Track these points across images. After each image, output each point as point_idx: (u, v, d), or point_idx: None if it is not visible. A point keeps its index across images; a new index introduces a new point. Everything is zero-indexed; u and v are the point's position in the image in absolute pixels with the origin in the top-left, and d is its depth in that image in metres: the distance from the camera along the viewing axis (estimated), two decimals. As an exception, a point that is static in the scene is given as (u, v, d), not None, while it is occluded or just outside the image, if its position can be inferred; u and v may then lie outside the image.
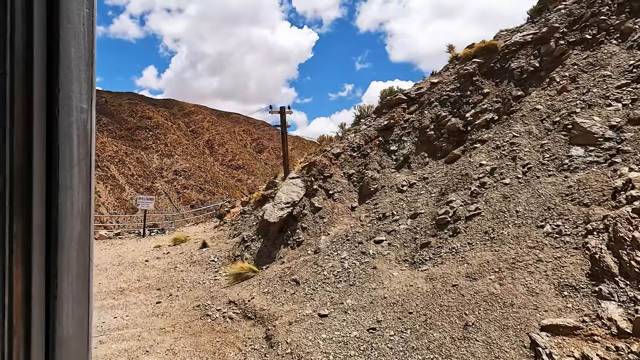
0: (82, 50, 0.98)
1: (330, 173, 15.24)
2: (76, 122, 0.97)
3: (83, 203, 0.98)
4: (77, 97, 0.97)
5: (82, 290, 0.99)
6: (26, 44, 0.89)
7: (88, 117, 1.00)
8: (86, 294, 1.01)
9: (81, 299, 0.99)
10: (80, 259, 0.97)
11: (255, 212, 19.38)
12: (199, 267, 16.14)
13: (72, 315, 0.96)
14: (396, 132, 15.43)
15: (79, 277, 0.97)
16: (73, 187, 0.96)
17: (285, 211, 14.49)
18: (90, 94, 1.01)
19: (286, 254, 13.92)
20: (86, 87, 0.99)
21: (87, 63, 0.99)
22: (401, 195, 13.47)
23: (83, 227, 0.98)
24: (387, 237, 11.94)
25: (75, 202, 0.97)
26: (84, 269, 0.98)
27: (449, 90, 15.14)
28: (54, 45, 0.93)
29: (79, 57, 0.97)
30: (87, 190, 1.00)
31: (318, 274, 11.66)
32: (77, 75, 0.97)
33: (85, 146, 0.99)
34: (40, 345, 0.91)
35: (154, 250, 20.45)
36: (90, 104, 1.01)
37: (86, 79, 0.99)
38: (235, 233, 19.25)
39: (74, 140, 0.96)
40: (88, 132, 1.00)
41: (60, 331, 0.94)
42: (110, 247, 22.31)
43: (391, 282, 10.18)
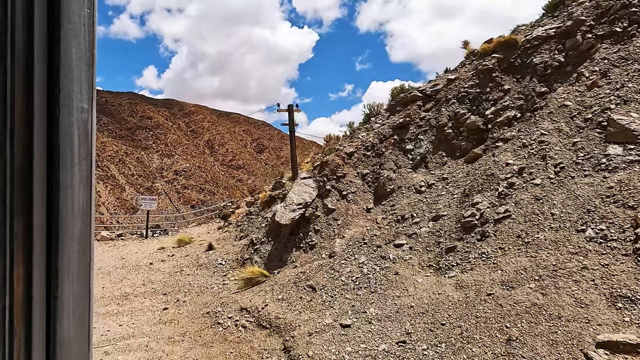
0: (82, 50, 0.97)
1: (344, 173, 14.53)
2: (77, 122, 0.96)
3: (84, 202, 0.97)
4: (78, 97, 0.96)
5: (82, 291, 0.97)
6: (27, 44, 0.88)
7: (89, 117, 1.00)
8: (87, 294, 0.99)
9: (82, 300, 0.97)
10: (81, 259, 0.97)
11: (262, 214, 18.66)
12: (206, 270, 15.42)
13: (73, 315, 0.95)
14: (412, 131, 14.72)
15: (80, 278, 0.96)
16: (74, 187, 0.95)
17: (297, 213, 13.77)
18: (91, 94, 1.00)
19: (299, 257, 13.20)
20: (87, 87, 0.99)
21: (87, 63, 0.98)
22: (419, 196, 12.76)
23: (84, 227, 0.97)
24: (408, 241, 11.23)
25: (76, 201, 0.95)
26: (84, 269, 0.97)
27: (467, 86, 14.43)
28: (55, 46, 0.92)
29: (79, 57, 0.96)
30: (88, 190, 0.99)
31: (335, 279, 10.94)
32: (78, 75, 0.96)
33: (85, 146, 0.98)
34: (41, 346, 0.90)
35: (158, 252, 19.73)
36: (90, 103, 1.00)
37: (87, 79, 0.98)
38: (242, 235, 18.54)
39: (75, 140, 0.96)
40: (89, 132, 0.99)
41: (61, 332, 0.93)
42: (112, 249, 21.58)
43: (416, 289, 9.47)
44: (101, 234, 24.52)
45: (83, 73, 0.98)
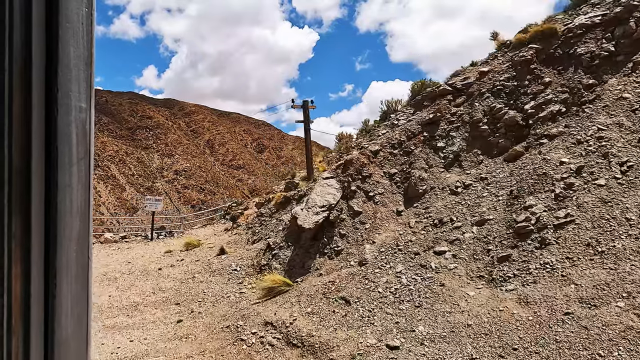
0: (81, 49, 0.96)
1: (369, 172, 13.31)
2: (75, 122, 0.95)
3: (82, 202, 0.96)
4: (76, 97, 0.95)
5: (81, 290, 0.96)
6: (25, 43, 0.87)
7: (87, 117, 0.98)
8: (85, 294, 0.97)
9: (80, 299, 0.96)
10: (79, 259, 0.95)
11: (277, 215, 17.43)
12: (220, 277, 14.19)
13: (71, 315, 0.93)
14: (442, 127, 13.51)
15: (78, 277, 0.95)
16: (72, 186, 0.94)
17: (320, 216, 12.55)
18: (89, 93, 0.99)
19: (323, 264, 11.99)
20: (85, 87, 0.97)
21: (86, 62, 0.97)
22: (456, 198, 11.57)
23: (82, 226, 0.96)
24: (450, 248, 10.03)
25: (74, 201, 0.94)
26: (83, 269, 0.96)
27: (503, 79, 13.23)
28: (53, 45, 0.91)
29: (77, 57, 0.95)
30: (86, 189, 0.98)
31: (371, 291, 9.73)
32: (76, 74, 0.95)
33: (84, 145, 0.97)
34: (39, 346, 0.89)
35: (166, 256, 18.48)
36: (89, 103, 0.99)
37: (85, 78, 0.97)
38: (256, 238, 17.31)
39: (73, 140, 0.95)
40: (87, 132, 0.98)
41: (59, 331, 0.91)
42: (117, 252, 20.32)
43: (469, 304, 8.27)
44: (105, 236, 23.27)
45: (81, 72, 0.96)
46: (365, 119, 22.19)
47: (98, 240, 23.10)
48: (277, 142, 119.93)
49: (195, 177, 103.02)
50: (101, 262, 17.79)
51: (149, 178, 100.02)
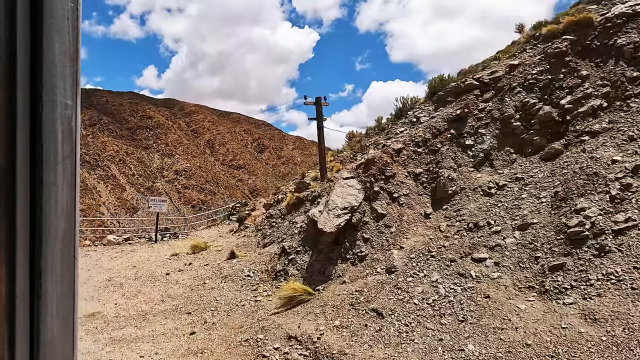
0: (66, 45, 0.93)
1: (393, 172, 12.36)
2: (60, 119, 0.93)
3: (67, 201, 0.94)
4: (62, 93, 0.93)
5: (67, 290, 0.95)
6: (9, 39, 0.84)
7: (73, 113, 0.96)
8: (71, 294, 0.96)
9: (66, 299, 0.94)
10: (65, 258, 0.94)
11: (290, 218, 16.46)
12: (232, 283, 13.22)
13: (57, 315, 0.92)
14: (470, 124, 12.56)
15: (64, 277, 0.94)
16: (57, 185, 0.92)
17: (342, 219, 11.58)
18: (75, 89, 0.96)
19: (346, 271, 11.04)
20: (71, 83, 0.95)
21: (71, 58, 0.95)
22: (490, 199, 10.63)
23: (68, 226, 0.94)
24: (491, 255, 9.08)
25: (59, 200, 0.93)
26: (68, 268, 0.95)
27: (536, 73, 12.29)
28: (38, 40, 0.89)
29: (63, 52, 0.93)
30: (72, 188, 0.96)
31: (406, 302, 8.77)
32: (62, 70, 0.93)
33: (69, 143, 0.94)
34: (24, 347, 0.87)
35: (172, 259, 17.51)
36: (75, 100, 0.96)
37: (71, 74, 0.95)
38: (267, 241, 16.34)
39: (59, 137, 0.92)
40: (73, 129, 0.95)
41: (44, 332, 0.90)
42: (121, 255, 19.33)
43: (522, 319, 7.32)
44: (108, 238, 22.28)
45: (67, 68, 0.93)
46: (378, 117, 21.24)
47: (101, 243, 22.12)
48: (278, 142, 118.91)
49: (195, 177, 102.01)
50: (105, 266, 16.82)
51: (149, 178, 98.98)
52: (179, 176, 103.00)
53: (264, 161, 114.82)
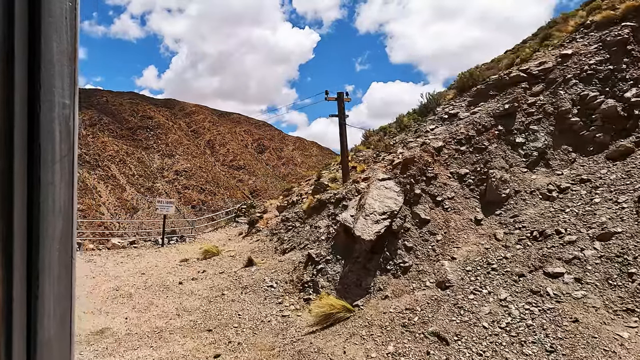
0: (64, 44, 0.92)
1: (435, 173, 10.98)
2: (58, 118, 0.92)
3: (65, 200, 0.94)
4: (60, 93, 0.92)
5: (64, 291, 0.94)
6: (6, 38, 0.84)
7: (70, 113, 0.95)
8: (69, 295, 0.95)
9: (63, 300, 0.94)
10: (62, 258, 0.93)
11: (311, 222, 15.05)
12: (254, 295, 11.81)
13: (54, 315, 0.91)
14: (520, 119, 11.19)
15: (61, 277, 0.93)
16: (55, 184, 0.91)
17: (381, 225, 10.18)
18: (73, 89, 0.95)
19: (388, 284, 9.64)
20: (69, 83, 0.94)
21: (69, 58, 0.94)
22: (553, 204, 9.26)
23: (65, 225, 0.94)
24: (569, 269, 7.70)
25: (57, 199, 0.92)
26: (66, 269, 0.94)
27: (594, 63, 10.93)
28: (36, 40, 0.88)
29: (61, 52, 0.92)
30: (70, 187, 0.95)
31: (472, 325, 7.38)
32: (60, 70, 0.92)
33: (67, 142, 0.94)
34: (21, 347, 0.86)
35: (183, 265, 16.09)
36: (72, 99, 0.96)
37: (69, 74, 0.94)
38: (286, 247, 14.93)
39: (56, 137, 0.92)
40: (70, 128, 0.95)
41: (41, 333, 0.89)
42: (127, 260, 17.89)
43: (630, 352, 5.94)
44: (112, 241, 20.83)
45: (65, 68, 0.92)
46: (399, 114, 19.88)
47: (105, 247, 20.67)
48: (278, 143, 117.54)
49: (195, 177, 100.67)
50: (111, 273, 15.38)
51: (150, 178, 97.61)
52: (179, 176, 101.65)
53: (264, 162, 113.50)
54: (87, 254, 19.09)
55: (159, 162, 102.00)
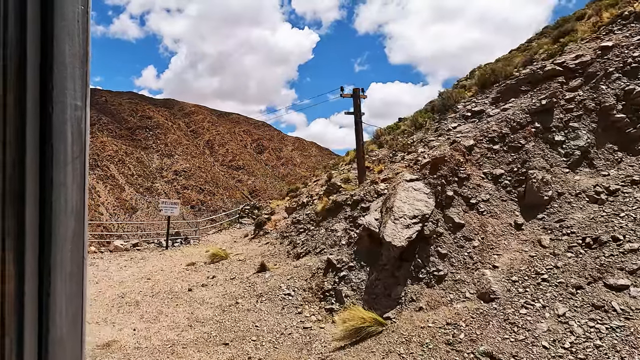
0: (76, 47, 0.93)
1: (467, 174, 10.11)
2: (70, 120, 0.92)
3: (77, 201, 0.93)
4: (72, 95, 0.92)
5: (76, 290, 0.93)
6: (19, 40, 0.84)
7: (82, 115, 0.95)
8: (80, 293, 0.94)
9: (75, 298, 0.93)
10: (74, 257, 0.92)
11: (326, 224, 14.16)
12: (270, 304, 10.92)
13: (66, 314, 0.91)
14: (558, 116, 10.33)
15: (73, 276, 0.92)
16: (67, 185, 0.91)
17: (412, 230, 9.29)
18: (85, 91, 0.95)
19: (421, 294, 8.76)
20: (80, 85, 0.94)
21: (81, 60, 0.94)
22: (603, 207, 8.40)
23: (77, 225, 0.93)
24: (634, 280, 6.83)
25: (69, 200, 0.91)
26: (78, 267, 0.93)
27: (638, 56, 10.08)
28: (48, 42, 0.88)
29: (73, 55, 0.92)
30: (81, 188, 0.95)
31: (530, 345, 6.50)
32: (72, 72, 0.92)
33: (79, 144, 0.94)
34: (33, 346, 0.85)
35: (190, 270, 15.18)
36: (84, 101, 0.95)
37: (81, 76, 0.94)
38: (301, 251, 14.05)
39: (68, 138, 0.92)
40: (82, 130, 0.95)
41: (53, 331, 0.89)
42: (131, 264, 16.97)
43: None
44: (114, 243, 19.89)
45: (77, 70, 0.92)
46: (414, 113, 19.02)
47: (107, 249, 19.73)
48: (277, 143, 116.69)
49: (194, 177, 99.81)
50: (115, 278, 14.46)
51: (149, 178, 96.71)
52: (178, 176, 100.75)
53: (264, 162, 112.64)
54: (88, 257, 18.18)
55: (158, 162, 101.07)
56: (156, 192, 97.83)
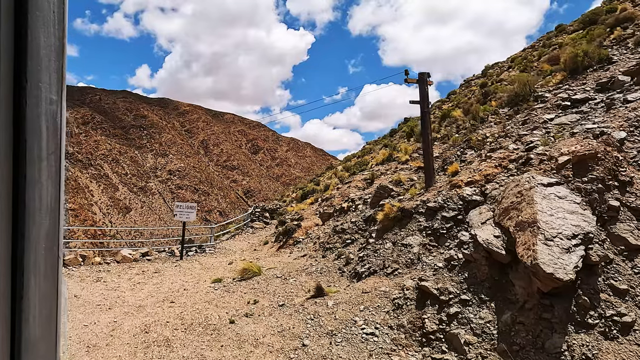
0: (52, 39, 0.86)
1: (629, 176, 7.22)
2: (45, 114, 0.86)
3: (52, 199, 0.88)
4: (47, 88, 0.86)
5: (50, 290, 0.88)
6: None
7: (58, 109, 0.89)
8: (55, 294, 0.89)
9: (49, 299, 0.88)
10: (48, 257, 0.87)
11: (393, 237, 11.17)
12: (350, 347, 7.91)
13: (40, 315, 0.86)
14: None
15: (47, 276, 0.87)
16: (42, 182, 0.86)
17: (576, 254, 6.33)
18: (61, 84, 0.89)
19: (599, 349, 5.84)
20: (56, 78, 0.88)
21: (57, 53, 0.88)
22: None
23: (52, 224, 0.88)
24: None
25: (44, 198, 0.87)
26: (52, 267, 0.88)
27: None
28: (22, 33, 0.83)
29: (48, 46, 0.86)
30: (57, 186, 0.90)
31: None
32: (47, 65, 0.86)
33: (54, 139, 0.88)
34: (5, 348, 0.81)
35: (220, 289, 12.12)
36: (60, 95, 0.89)
37: (56, 69, 0.88)
38: (361, 270, 11.05)
39: (43, 133, 0.86)
40: (58, 125, 0.89)
41: (26, 332, 0.84)
42: (145, 279, 13.85)
43: None
44: (122, 253, 16.69)
45: (52, 63, 0.86)
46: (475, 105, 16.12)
47: (114, 259, 16.53)
48: (272, 144, 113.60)
49: (189, 177, 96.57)
50: (130, 301, 11.35)
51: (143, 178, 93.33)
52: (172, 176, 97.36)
53: (258, 162, 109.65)
54: (93, 269, 14.98)
55: (152, 162, 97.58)
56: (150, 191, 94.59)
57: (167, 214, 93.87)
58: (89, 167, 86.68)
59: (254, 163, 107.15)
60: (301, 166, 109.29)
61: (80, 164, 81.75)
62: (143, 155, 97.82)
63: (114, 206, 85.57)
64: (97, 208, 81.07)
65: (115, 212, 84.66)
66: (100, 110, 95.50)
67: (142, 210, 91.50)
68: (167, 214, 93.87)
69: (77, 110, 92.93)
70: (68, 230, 59.25)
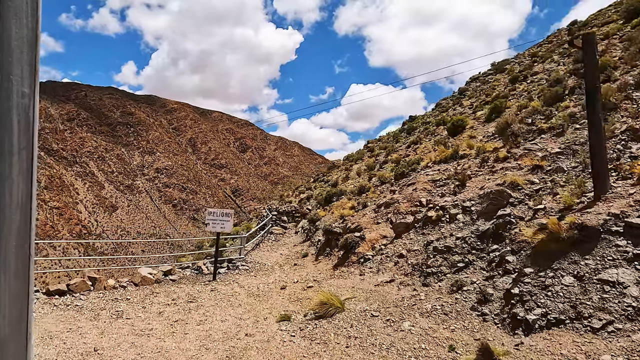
0: (24, 30, 0.79)
1: None
2: (16, 108, 0.80)
3: (23, 195, 0.82)
4: (18, 81, 0.80)
5: (21, 288, 0.82)
6: None
7: (30, 103, 0.82)
8: (25, 291, 0.83)
9: (20, 297, 0.82)
10: (19, 255, 0.81)
11: (569, 267, 7.28)
12: None
13: (9, 314, 0.80)
14: None
15: (18, 274, 0.81)
16: (12, 178, 0.80)
17: None
18: (34, 78, 0.82)
19: None
20: (29, 70, 0.82)
21: (30, 44, 0.81)
22: None
23: (23, 220, 0.82)
24: None
25: (14, 193, 0.81)
26: (23, 265, 0.82)
27: None
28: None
29: (20, 38, 0.79)
30: (28, 181, 0.84)
31: None
32: (19, 57, 0.79)
33: (26, 134, 0.82)
34: None
35: (298, 336, 8.05)
36: (32, 88, 0.83)
37: (29, 61, 0.81)
38: (533, 318, 7.14)
39: (14, 127, 0.80)
40: (30, 119, 0.83)
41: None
42: (182, 315, 9.59)
43: None
44: (140, 272, 12.38)
45: (24, 55, 0.80)
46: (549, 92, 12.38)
47: (131, 281, 12.15)
48: (260, 142, 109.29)
49: (176, 175, 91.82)
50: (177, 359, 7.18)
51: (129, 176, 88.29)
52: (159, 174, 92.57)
53: (246, 161, 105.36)
54: (108, 297, 10.61)
55: (139, 160, 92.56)
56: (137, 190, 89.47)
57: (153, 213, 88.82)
58: (74, 164, 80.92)
59: (242, 161, 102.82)
60: (289, 165, 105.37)
61: (65, 161, 76.00)
62: (130, 153, 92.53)
63: (100, 204, 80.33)
64: (82, 206, 75.72)
65: (101, 211, 79.36)
66: (85, 106, 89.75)
67: (129, 209, 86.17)
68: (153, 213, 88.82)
69: (62, 106, 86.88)
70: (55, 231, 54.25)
